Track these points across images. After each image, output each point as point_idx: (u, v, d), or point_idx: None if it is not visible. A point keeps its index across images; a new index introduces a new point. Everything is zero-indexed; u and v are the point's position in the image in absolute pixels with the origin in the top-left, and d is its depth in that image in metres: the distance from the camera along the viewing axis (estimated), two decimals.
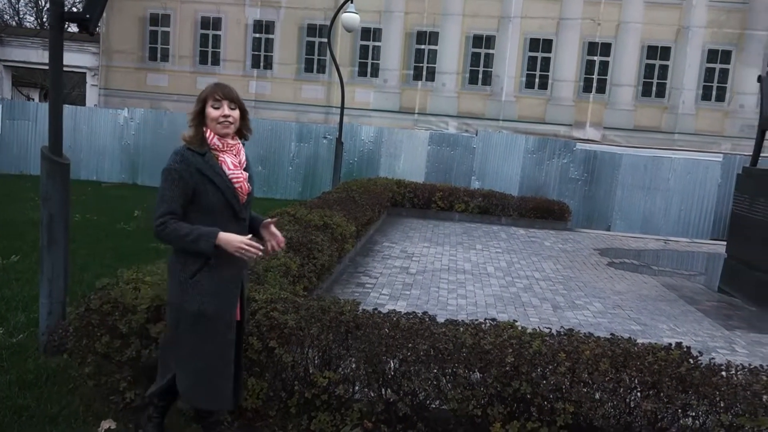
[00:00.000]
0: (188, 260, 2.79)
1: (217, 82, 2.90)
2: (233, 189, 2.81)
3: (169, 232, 2.72)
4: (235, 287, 2.90)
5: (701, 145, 18.14)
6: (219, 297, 2.83)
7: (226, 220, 2.81)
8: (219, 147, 2.82)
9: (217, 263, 2.79)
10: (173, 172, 2.73)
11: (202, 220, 2.76)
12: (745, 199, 8.22)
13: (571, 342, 3.66)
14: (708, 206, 14.29)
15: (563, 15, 18.98)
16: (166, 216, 2.72)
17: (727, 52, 18.68)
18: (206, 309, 2.80)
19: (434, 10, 19.41)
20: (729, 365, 3.56)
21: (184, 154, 2.77)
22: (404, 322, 3.78)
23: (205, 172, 2.75)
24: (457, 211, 13.03)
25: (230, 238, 2.72)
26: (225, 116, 2.79)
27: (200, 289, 2.80)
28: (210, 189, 2.75)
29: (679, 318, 6.84)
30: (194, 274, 2.79)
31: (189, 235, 2.70)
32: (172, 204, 2.73)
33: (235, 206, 2.83)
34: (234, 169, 2.83)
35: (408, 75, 19.87)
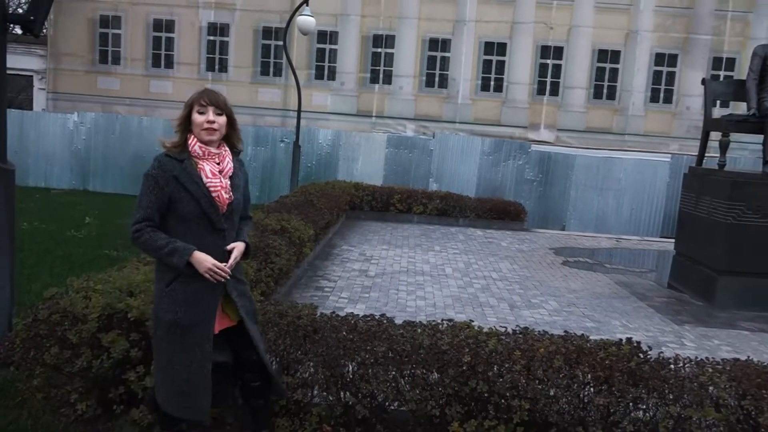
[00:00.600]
0: (165, 269, 2.76)
1: (206, 88, 2.87)
2: (210, 198, 2.72)
3: (144, 241, 2.70)
4: (211, 298, 2.79)
5: (650, 145, 18.69)
6: (195, 307, 2.75)
7: (203, 230, 2.74)
8: (199, 154, 2.75)
9: (193, 273, 2.72)
10: (150, 177, 2.70)
11: (179, 229, 2.72)
12: (692, 197, 8.50)
13: (526, 340, 3.73)
14: (657, 205, 14.72)
15: (516, 19, 19.32)
16: (142, 223, 2.70)
17: (673, 55, 19.31)
18: (180, 319, 2.73)
19: (390, 14, 19.50)
20: (677, 359, 3.68)
21: (161, 161, 2.72)
22: (362, 325, 3.79)
23: (181, 179, 2.69)
24: (416, 214, 13.10)
25: (202, 258, 2.69)
26: (210, 122, 2.73)
27: (175, 299, 2.74)
28: (185, 197, 2.69)
29: (631, 314, 7.02)
30: (169, 283, 2.75)
31: (164, 248, 2.67)
32: (148, 210, 2.70)
33: (212, 216, 2.73)
34: (212, 177, 2.75)
35: (365, 78, 19.90)
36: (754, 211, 7.46)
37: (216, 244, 2.76)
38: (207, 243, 2.73)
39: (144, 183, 2.72)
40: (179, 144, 2.76)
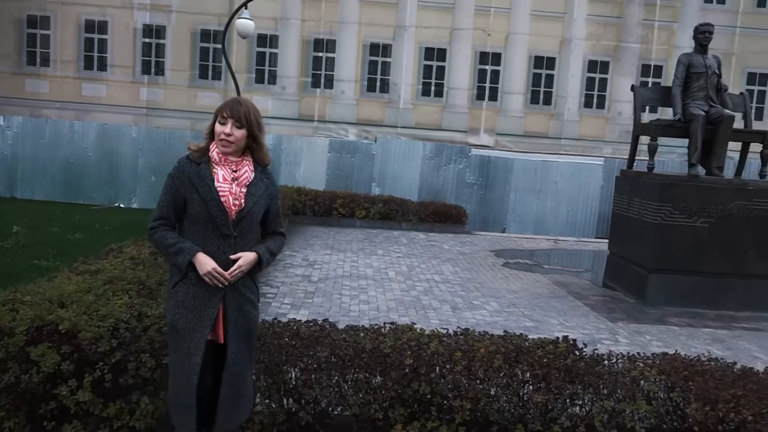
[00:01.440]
0: (174, 270, 2.83)
1: (235, 98, 2.85)
2: (218, 201, 2.73)
3: (156, 239, 2.79)
4: (212, 305, 2.76)
5: (585, 149, 19.31)
6: (192, 311, 2.75)
7: (210, 233, 2.76)
8: (216, 160, 2.80)
9: (196, 277, 2.74)
10: (169, 178, 2.80)
11: (191, 230, 2.78)
12: (623, 199, 8.84)
13: (467, 341, 3.79)
14: (592, 207, 15.23)
15: (456, 25, 19.63)
16: (158, 221, 2.79)
17: (605, 62, 20.04)
18: (177, 322, 2.75)
19: (331, 18, 19.48)
20: (610, 355, 3.82)
21: (181, 163, 2.81)
22: (304, 331, 3.76)
23: (194, 181, 2.74)
24: (359, 218, 13.12)
25: (204, 261, 2.71)
26: (226, 134, 2.74)
27: (176, 301, 2.77)
28: (195, 198, 2.74)
29: (568, 313, 7.24)
30: (175, 284, 2.79)
31: (172, 247, 2.74)
32: (164, 209, 2.79)
33: (218, 220, 2.74)
34: (223, 182, 2.76)
35: (306, 82, 19.80)
36: (681, 211, 7.81)
37: (222, 250, 2.75)
38: (213, 248, 2.74)
39: (165, 183, 2.82)
40: (203, 149, 2.82)
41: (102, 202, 15.62)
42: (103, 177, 15.74)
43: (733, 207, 7.81)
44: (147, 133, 15.96)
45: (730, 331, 6.94)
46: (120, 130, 15.94)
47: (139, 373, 3.39)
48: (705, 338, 6.58)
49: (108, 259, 5.31)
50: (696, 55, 8.44)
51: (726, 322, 7.27)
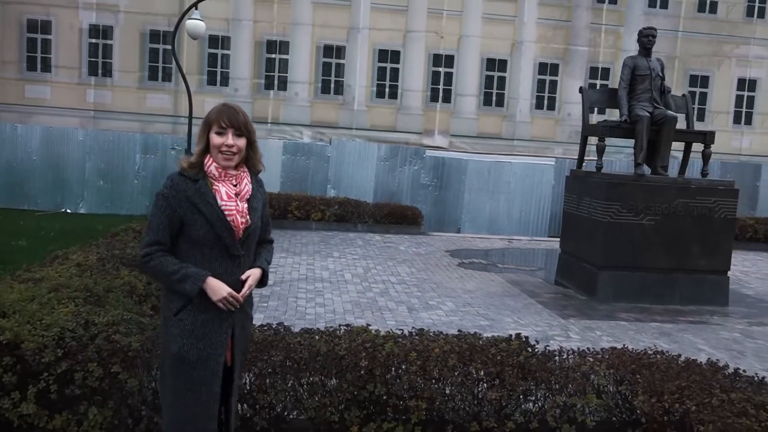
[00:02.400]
0: (173, 295, 2.53)
1: (226, 105, 2.59)
2: (225, 221, 2.51)
3: (154, 266, 2.51)
4: (223, 331, 2.55)
5: (537, 150, 19.67)
6: (203, 340, 2.51)
7: (217, 255, 2.53)
8: (215, 175, 2.55)
9: (203, 302, 2.50)
10: (161, 197, 2.52)
11: (192, 253, 2.52)
12: (573, 198, 9.05)
13: (422, 341, 3.82)
14: (544, 206, 15.53)
15: (409, 27, 19.74)
16: (153, 246, 2.51)
17: (555, 65, 20.46)
18: (187, 352, 2.49)
19: (284, 20, 19.33)
20: (562, 351, 3.90)
21: (174, 180, 2.53)
22: (258, 335, 3.72)
23: (194, 201, 2.49)
24: (314, 220, 13.05)
25: (217, 286, 2.48)
26: (228, 146, 2.52)
27: (182, 330, 2.50)
28: (199, 220, 2.49)
29: (522, 311, 7.36)
30: (178, 311, 2.51)
31: (175, 274, 2.47)
32: (159, 233, 2.51)
33: (226, 241, 2.52)
34: (228, 200, 2.54)
35: (259, 84, 19.59)
36: (628, 209, 8.04)
37: (230, 272, 2.54)
38: (220, 270, 2.52)
39: (155, 203, 2.53)
40: (196, 163, 2.56)
41: (47, 207, 15.11)
42: (49, 182, 15.24)
43: (677, 205, 8.08)
44: (94, 136, 15.53)
45: (675, 324, 7.18)
46: (66, 133, 15.47)
47: (86, 383, 3.30)
48: (652, 332, 6.79)
49: (53, 266, 5.15)
50: (640, 58, 8.70)
51: (672, 316, 7.52)
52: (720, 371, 3.80)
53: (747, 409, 3.19)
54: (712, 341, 6.56)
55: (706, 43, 20.58)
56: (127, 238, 6.30)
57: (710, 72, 20.87)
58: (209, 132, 2.54)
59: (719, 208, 8.16)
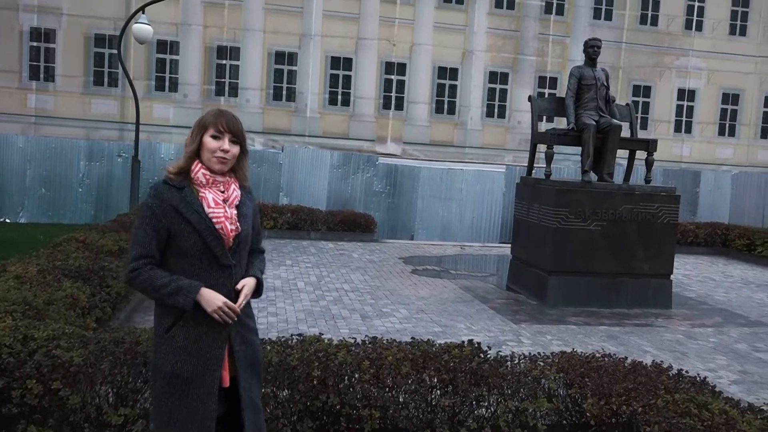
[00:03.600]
0: (164, 311, 2.41)
1: (221, 110, 2.49)
2: (213, 230, 2.39)
3: (143, 281, 2.36)
4: (218, 345, 2.42)
5: (488, 157, 19.99)
6: (197, 356, 2.39)
7: (207, 266, 2.40)
8: (202, 182, 2.44)
9: (195, 316, 2.37)
10: (146, 208, 2.39)
11: (180, 265, 2.39)
12: (524, 205, 9.21)
13: (375, 349, 3.80)
14: (496, 213, 15.75)
15: (361, 35, 19.81)
16: (140, 260, 2.36)
17: (505, 74, 20.86)
18: (181, 370, 2.37)
19: (234, 25, 19.12)
20: (513, 356, 3.95)
21: (158, 189, 2.41)
22: None
23: (180, 209, 2.37)
24: (266, 228, 12.88)
25: (211, 296, 2.36)
26: (224, 150, 2.41)
27: (174, 346, 2.38)
28: (186, 229, 2.37)
29: (474, 317, 7.42)
30: (169, 327, 2.39)
31: (167, 287, 2.33)
32: (146, 246, 2.37)
33: (216, 250, 2.40)
34: (216, 207, 2.42)
35: (210, 90, 19.30)
36: (576, 215, 8.23)
37: (222, 283, 2.42)
38: (211, 281, 2.40)
39: (140, 215, 2.41)
40: (183, 170, 2.44)
41: None
42: None
43: (622, 211, 8.32)
44: (36, 142, 14.96)
45: (622, 327, 7.37)
46: (5, 139, 14.85)
47: (24, 401, 3.15)
48: (600, 335, 6.95)
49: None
50: (586, 68, 8.94)
51: (619, 320, 7.72)
52: (664, 373, 3.91)
53: (690, 409, 3.29)
54: (657, 343, 6.76)
55: (648, 55, 21.35)
56: (70, 249, 6.08)
57: (652, 82, 21.65)
58: (203, 135, 2.43)
59: (662, 213, 8.43)
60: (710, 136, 22.10)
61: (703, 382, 3.86)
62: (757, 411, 3.40)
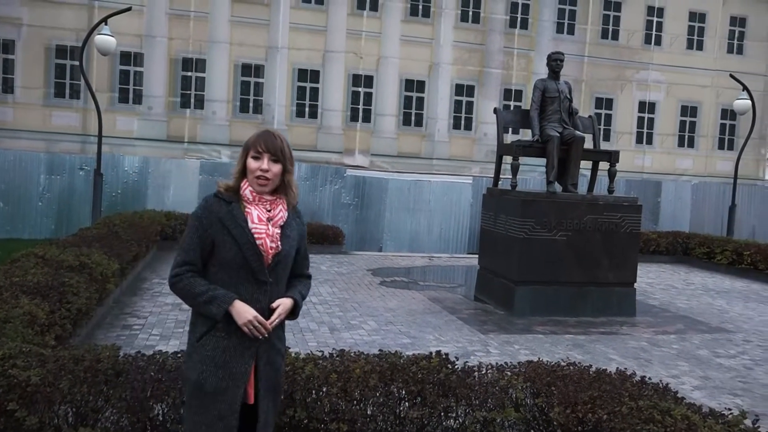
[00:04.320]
0: (198, 320, 2.47)
1: (265, 131, 2.54)
2: (253, 244, 2.43)
3: (183, 287, 2.43)
4: (245, 360, 2.42)
5: (455, 168, 20.15)
6: (223, 369, 2.39)
7: (243, 279, 2.44)
8: (249, 199, 2.49)
9: (227, 328, 2.40)
10: (194, 218, 2.47)
11: (220, 276, 2.45)
12: (490, 215, 9.29)
13: (343, 362, 3.77)
14: (463, 223, 15.86)
15: (328, 48, 19.85)
16: (183, 267, 2.44)
17: (471, 86, 21.11)
18: (205, 381, 2.38)
19: (200, 37, 18.97)
20: (480, 366, 3.96)
21: (209, 201, 2.49)
22: (172, 363, 3.57)
23: (225, 222, 2.43)
24: None
25: (243, 309, 2.38)
26: (263, 171, 2.45)
27: (202, 356, 2.41)
28: (228, 241, 2.42)
29: (443, 328, 7.44)
30: (201, 336, 2.43)
31: (203, 295, 2.39)
32: (190, 253, 2.44)
33: (254, 265, 2.42)
34: (259, 223, 2.46)
35: (175, 102, 19.08)
36: (542, 226, 8.34)
37: (257, 298, 2.44)
38: (246, 295, 2.42)
39: (189, 224, 2.49)
40: (233, 187, 2.51)
41: None
42: None
43: (586, 221, 8.45)
44: None
45: (588, 336, 7.46)
46: None
47: None
48: (566, 344, 7.03)
49: None
50: (550, 80, 9.10)
51: (585, 328, 7.82)
52: (628, 380, 3.97)
53: (654, 415, 3.33)
54: (622, 351, 6.87)
55: (609, 68, 21.85)
56: (28, 264, 5.90)
57: (614, 95, 22.16)
58: (246, 156, 2.49)
59: (625, 223, 8.60)
60: (670, 147, 22.68)
61: (666, 388, 3.92)
62: (718, 416, 3.47)
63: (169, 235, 12.30)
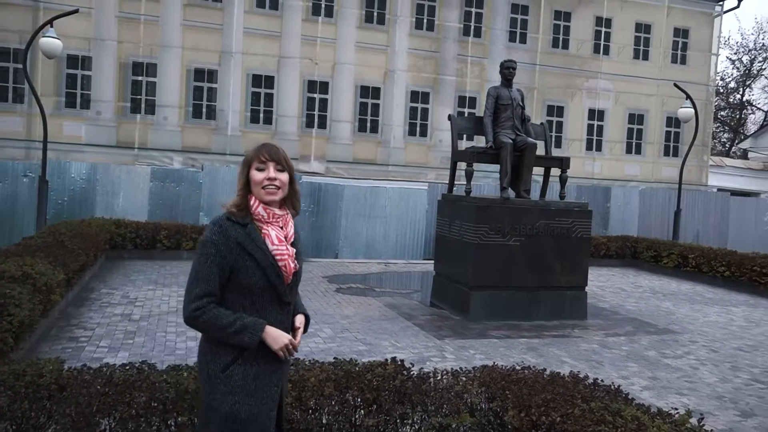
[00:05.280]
0: (220, 350, 2.34)
1: (265, 142, 2.48)
2: (277, 267, 2.36)
3: (207, 320, 2.29)
4: (273, 384, 2.38)
5: (411, 175, 20.25)
6: (255, 396, 2.32)
7: (268, 303, 2.37)
8: (263, 218, 2.40)
9: (253, 355, 2.33)
10: (210, 245, 2.31)
11: (241, 302, 2.34)
12: (445, 221, 9.36)
13: (298, 371, 3.72)
14: (419, 229, 15.94)
15: (283, 53, 19.71)
16: (204, 299, 2.29)
17: (426, 93, 21.28)
18: (239, 411, 2.30)
19: (151, 41, 18.57)
20: (436, 372, 3.96)
21: (222, 225, 2.35)
22: (119, 375, 3.46)
23: (245, 246, 2.32)
24: (186, 250, 12.49)
25: (277, 334, 2.34)
26: (270, 179, 2.38)
27: (232, 386, 2.31)
28: (250, 266, 2.32)
29: (399, 334, 7.44)
30: (227, 367, 2.32)
31: (232, 326, 2.28)
32: (210, 283, 2.30)
33: (279, 287, 2.37)
34: (279, 244, 2.39)
35: (125, 107, 18.61)
36: (496, 231, 8.44)
37: (281, 320, 2.40)
38: (271, 319, 2.36)
39: (202, 251, 2.33)
40: (241, 206, 2.39)
41: None
42: None
43: (539, 226, 8.60)
44: None
45: (541, 339, 7.58)
46: None
47: None
48: (521, 348, 7.12)
49: None
50: (503, 88, 9.25)
51: (538, 332, 7.94)
52: (581, 382, 4.04)
53: (605, 416, 3.40)
54: (574, 353, 6.99)
55: (560, 76, 22.36)
56: None
57: (564, 102, 22.67)
58: (249, 171, 2.41)
59: (576, 228, 8.78)
60: (619, 153, 23.32)
61: (617, 389, 4.00)
62: (665, 415, 3.56)
63: (118, 244, 11.97)
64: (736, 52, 43.57)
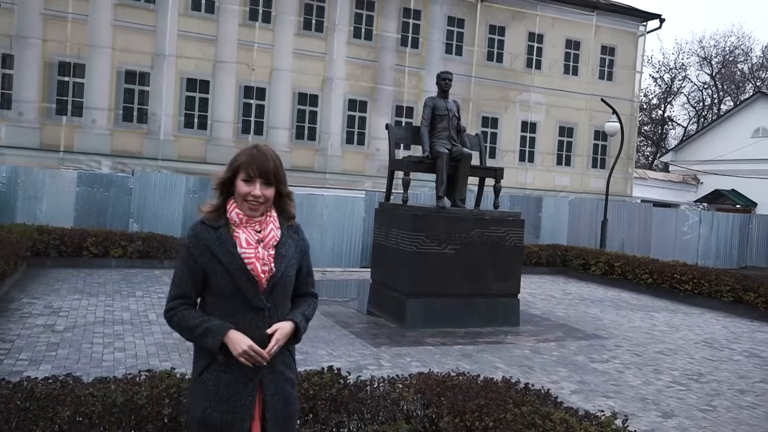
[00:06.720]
0: (200, 354, 2.35)
1: (257, 150, 2.34)
2: (245, 270, 2.29)
3: (178, 321, 2.32)
4: (248, 393, 2.29)
5: (348, 183, 20.28)
6: (227, 403, 2.27)
7: (239, 307, 2.30)
8: (236, 222, 2.34)
9: (227, 359, 2.27)
10: (184, 249, 2.38)
11: (217, 306, 2.33)
12: (382, 229, 9.41)
13: None
14: (356, 237, 15.95)
15: (218, 58, 19.39)
16: (176, 301, 2.34)
17: (363, 102, 21.38)
18: (211, 417, 2.26)
19: (79, 41, 17.89)
20: (372, 380, 3.97)
21: (195, 229, 2.36)
22: (41, 389, 3.30)
23: (214, 249, 2.31)
24: (114, 257, 12.05)
25: (238, 339, 2.24)
26: (255, 197, 2.31)
27: (206, 392, 2.29)
28: (219, 269, 2.30)
29: (335, 342, 7.41)
30: (203, 371, 2.32)
31: (197, 328, 2.28)
32: (182, 286, 2.34)
33: (247, 292, 2.29)
34: (246, 247, 2.31)
35: (50, 109, 17.83)
36: (432, 239, 8.55)
37: (255, 326, 2.30)
38: (244, 324, 2.28)
39: (179, 256, 2.48)
40: (217, 208, 2.36)
41: None
42: None
43: (474, 234, 8.77)
44: None
45: (476, 346, 7.72)
46: None
47: None
48: (456, 354, 7.22)
49: None
50: (439, 99, 9.40)
51: (473, 338, 8.08)
52: (513, 387, 4.14)
53: (535, 420, 3.50)
54: (507, 359, 7.16)
55: (494, 89, 22.95)
56: None
57: (499, 114, 23.27)
58: (235, 175, 2.34)
59: (509, 236, 9.01)
60: (550, 165, 24.11)
61: (547, 394, 4.13)
62: (592, 417, 3.69)
63: (41, 251, 11.42)
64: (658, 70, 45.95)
